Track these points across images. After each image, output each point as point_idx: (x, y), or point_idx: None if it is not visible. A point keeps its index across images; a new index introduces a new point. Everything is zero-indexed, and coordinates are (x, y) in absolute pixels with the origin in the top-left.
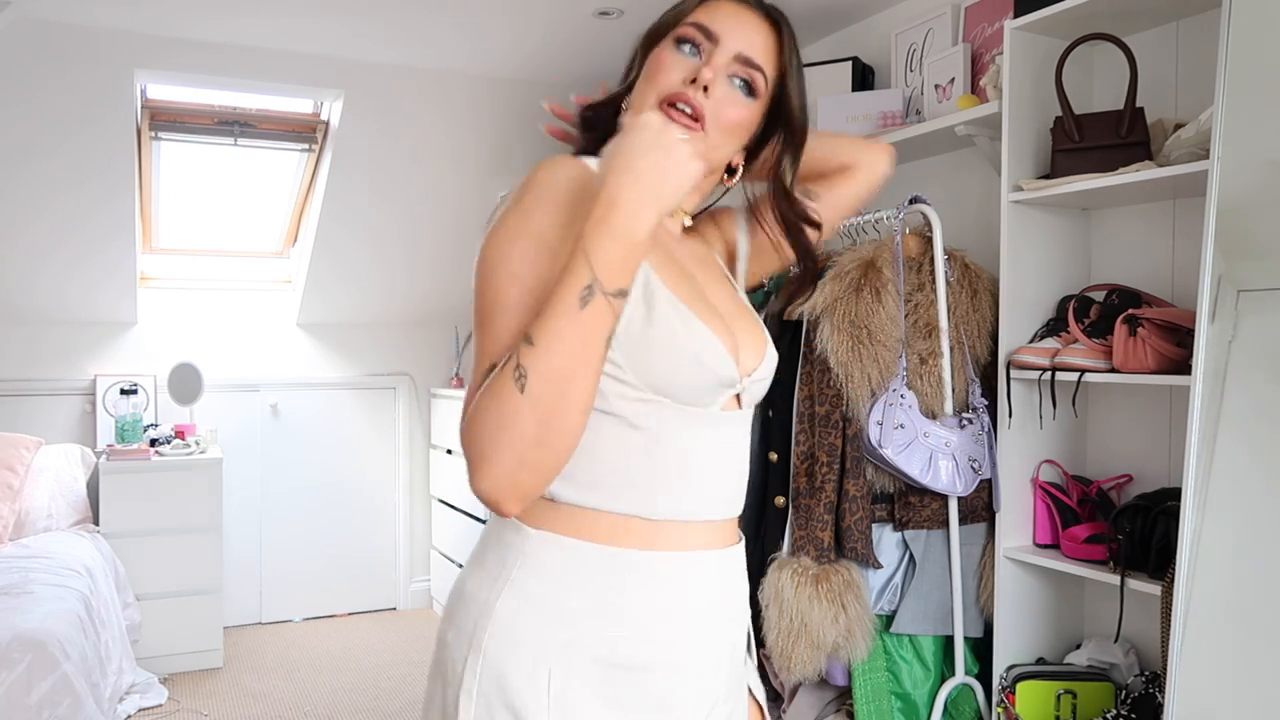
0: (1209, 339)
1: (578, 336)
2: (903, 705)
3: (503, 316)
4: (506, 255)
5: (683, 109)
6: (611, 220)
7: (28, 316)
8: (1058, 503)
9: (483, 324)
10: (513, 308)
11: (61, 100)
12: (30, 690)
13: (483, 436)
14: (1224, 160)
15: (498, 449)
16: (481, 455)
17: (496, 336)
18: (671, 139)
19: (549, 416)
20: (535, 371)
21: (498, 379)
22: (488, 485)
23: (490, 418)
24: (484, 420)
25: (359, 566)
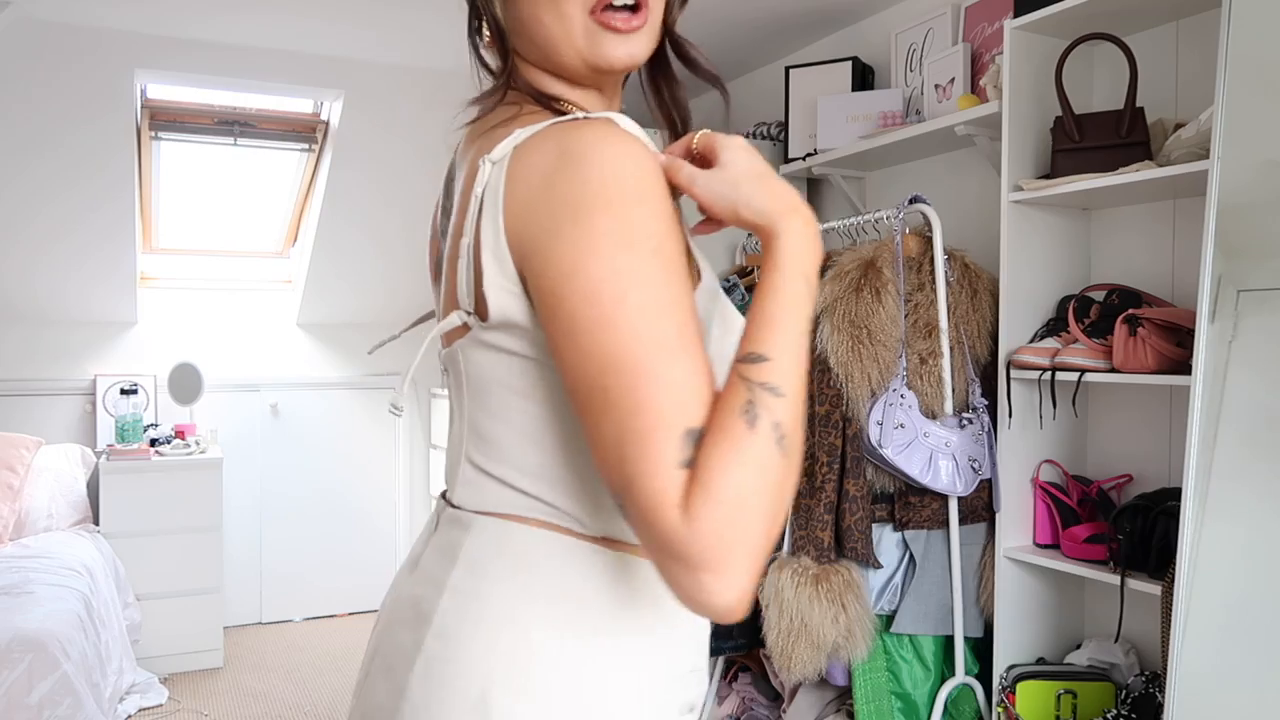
0: (1209, 339)
1: (805, 377)
2: (903, 705)
3: (679, 362)
4: (635, 280)
5: (624, 5)
6: (813, 238)
7: (28, 316)
8: (1058, 503)
9: (643, 374)
10: (683, 350)
11: (61, 100)
12: (31, 690)
13: (745, 520)
14: (1224, 160)
15: (761, 535)
16: (740, 551)
17: (682, 390)
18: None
19: (795, 479)
20: (792, 427)
21: (748, 444)
22: (739, 588)
23: (756, 489)
24: (745, 496)
25: (359, 566)
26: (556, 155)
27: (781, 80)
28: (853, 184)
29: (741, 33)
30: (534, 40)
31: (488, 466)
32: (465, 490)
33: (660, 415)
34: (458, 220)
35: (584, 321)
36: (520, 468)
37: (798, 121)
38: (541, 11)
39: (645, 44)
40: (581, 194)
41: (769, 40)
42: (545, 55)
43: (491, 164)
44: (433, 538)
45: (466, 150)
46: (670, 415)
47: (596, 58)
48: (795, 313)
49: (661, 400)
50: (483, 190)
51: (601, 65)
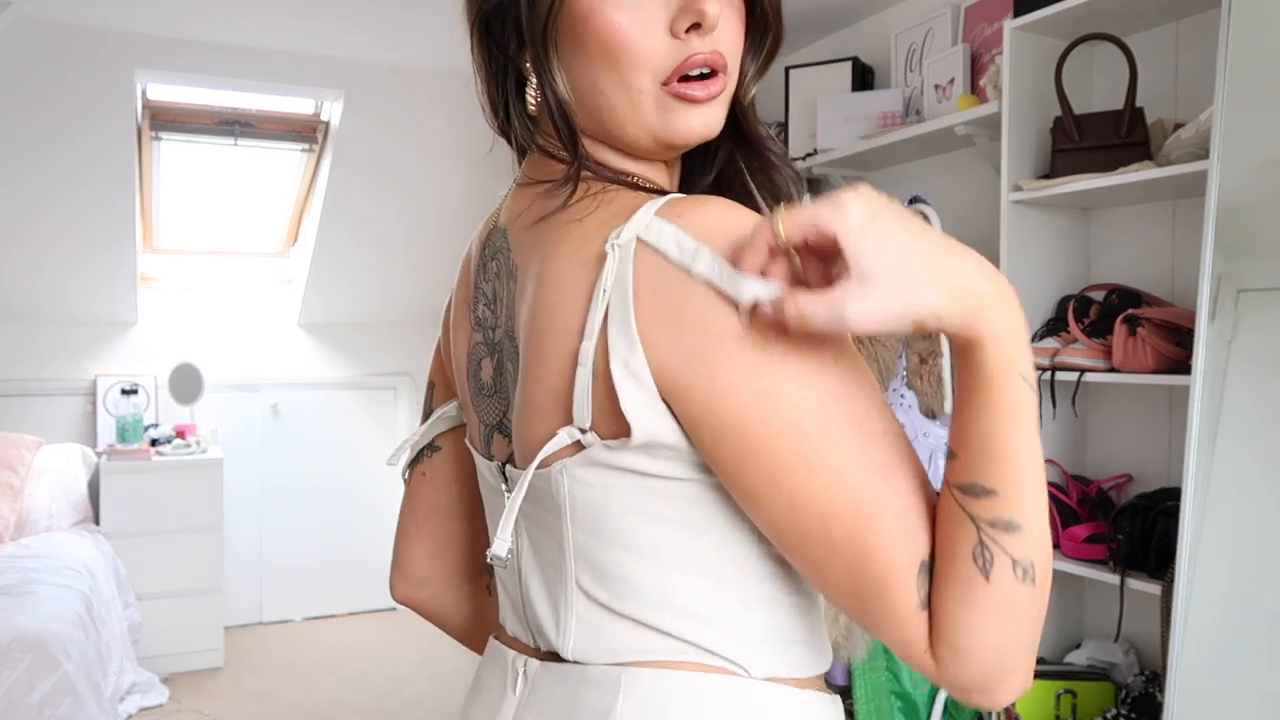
0: (1209, 339)
1: (1043, 473)
2: (903, 705)
3: (893, 489)
4: (830, 402)
5: (702, 74)
6: (1020, 324)
7: (28, 316)
8: (1058, 502)
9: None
10: (895, 468)
11: (62, 100)
12: (31, 690)
13: (1005, 666)
14: (1224, 160)
15: (1021, 665)
16: (1002, 679)
17: (903, 521)
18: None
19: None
20: (1038, 555)
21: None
22: (1014, 698)
23: (1009, 641)
24: (997, 652)
25: (359, 566)
26: (679, 246)
27: (781, 80)
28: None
29: None
30: (593, 111)
31: (618, 606)
32: (585, 638)
33: (891, 560)
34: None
35: (787, 464)
36: (664, 606)
37: (798, 122)
38: (604, 84)
39: (720, 113)
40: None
41: None
42: (604, 128)
43: (619, 249)
44: (530, 707)
45: (529, 230)
46: (901, 557)
47: (669, 133)
48: (1022, 429)
49: (891, 540)
50: (610, 285)
51: (676, 141)
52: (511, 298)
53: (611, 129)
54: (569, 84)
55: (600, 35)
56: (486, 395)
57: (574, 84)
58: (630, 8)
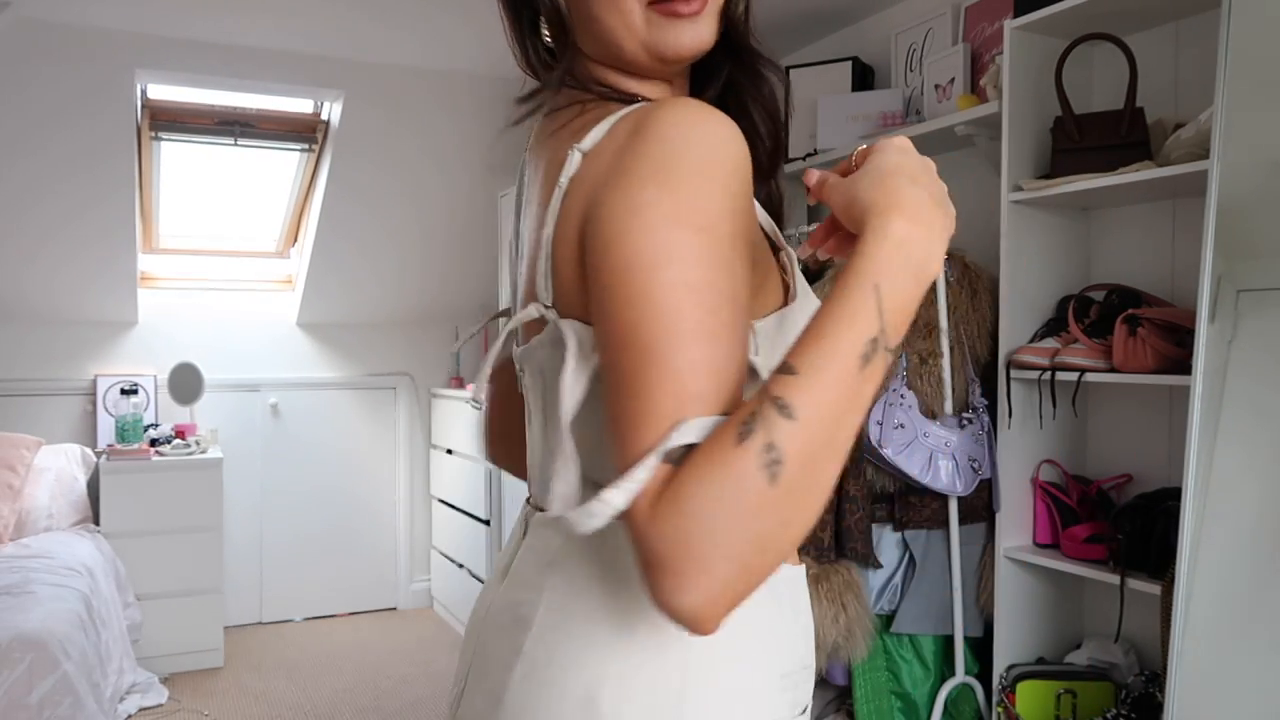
0: (1209, 339)
1: (850, 406)
2: (903, 705)
3: (691, 349)
4: (671, 255)
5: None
6: (912, 246)
7: (28, 316)
8: (1058, 502)
9: (651, 355)
10: (703, 338)
11: (62, 100)
12: (31, 690)
13: (702, 535)
14: (1224, 160)
15: (723, 554)
16: (696, 560)
17: (686, 380)
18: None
19: (797, 514)
20: (794, 456)
21: (729, 457)
22: (696, 600)
23: (719, 511)
24: (705, 513)
25: (359, 566)
26: (628, 133)
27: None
28: None
29: None
30: (594, 36)
31: (584, 469)
32: (560, 495)
33: (657, 402)
34: (538, 212)
35: (613, 293)
36: (609, 466)
37: (798, 122)
38: (598, 7)
39: (710, 28)
40: (638, 166)
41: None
42: (607, 50)
43: (582, 153)
44: (523, 544)
45: (538, 149)
46: (668, 403)
47: (661, 48)
48: (846, 325)
49: (664, 386)
50: (568, 180)
51: (668, 54)
52: (521, 203)
53: (611, 50)
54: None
55: None
56: (514, 290)
57: (575, 12)
58: None
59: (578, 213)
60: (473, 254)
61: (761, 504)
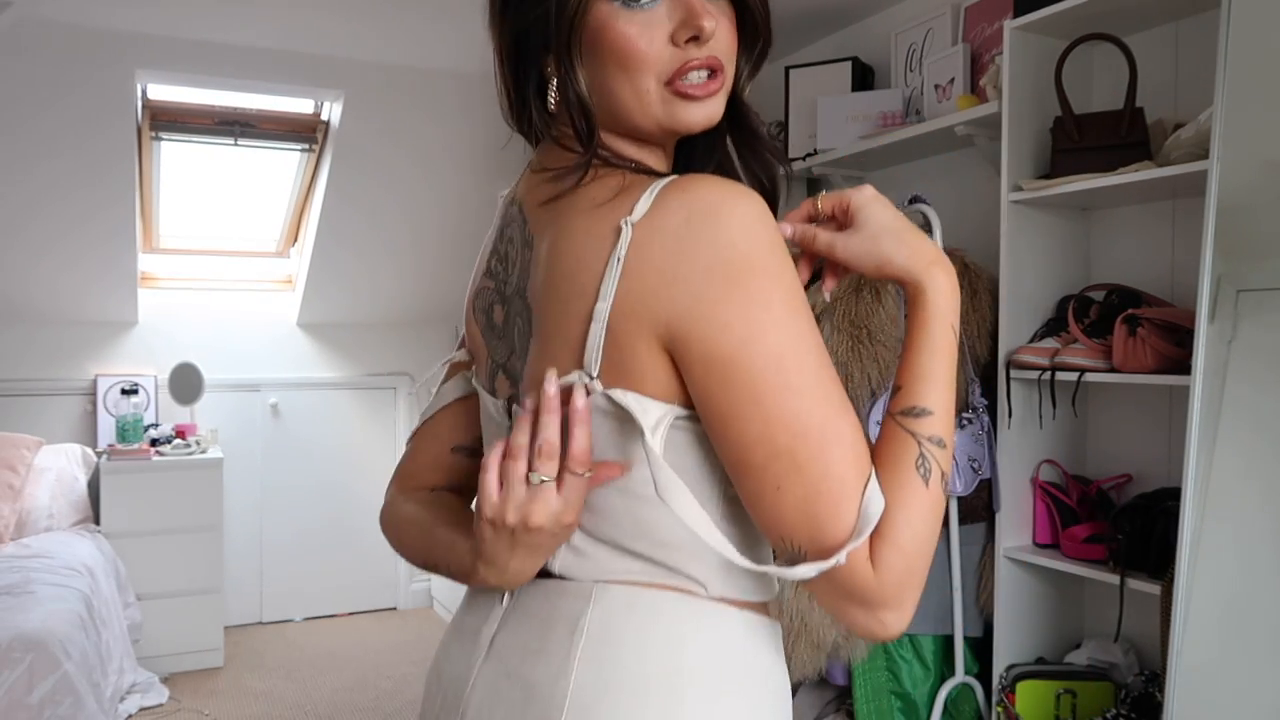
0: (1208, 339)
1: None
2: (903, 705)
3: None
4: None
5: (698, 79)
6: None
7: (28, 316)
8: (1058, 502)
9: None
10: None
11: (63, 101)
12: (31, 690)
13: (921, 566)
14: (1224, 160)
15: (927, 571)
16: (915, 588)
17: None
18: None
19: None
20: (949, 470)
21: (925, 497)
22: (906, 619)
23: (929, 541)
24: (922, 548)
25: (359, 566)
26: (685, 215)
27: (781, 80)
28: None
29: None
30: (607, 107)
31: (600, 533)
32: (571, 558)
33: (846, 476)
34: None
35: (768, 388)
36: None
37: (798, 121)
38: (615, 85)
39: (721, 105)
40: (730, 256)
41: None
42: (616, 120)
43: (632, 225)
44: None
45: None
46: (854, 475)
47: (674, 123)
48: (948, 364)
49: (847, 461)
50: (624, 253)
51: (680, 130)
52: (525, 262)
53: (623, 121)
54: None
55: (613, 45)
56: (497, 336)
57: (591, 85)
58: (640, 23)
59: (659, 297)
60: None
61: (941, 514)
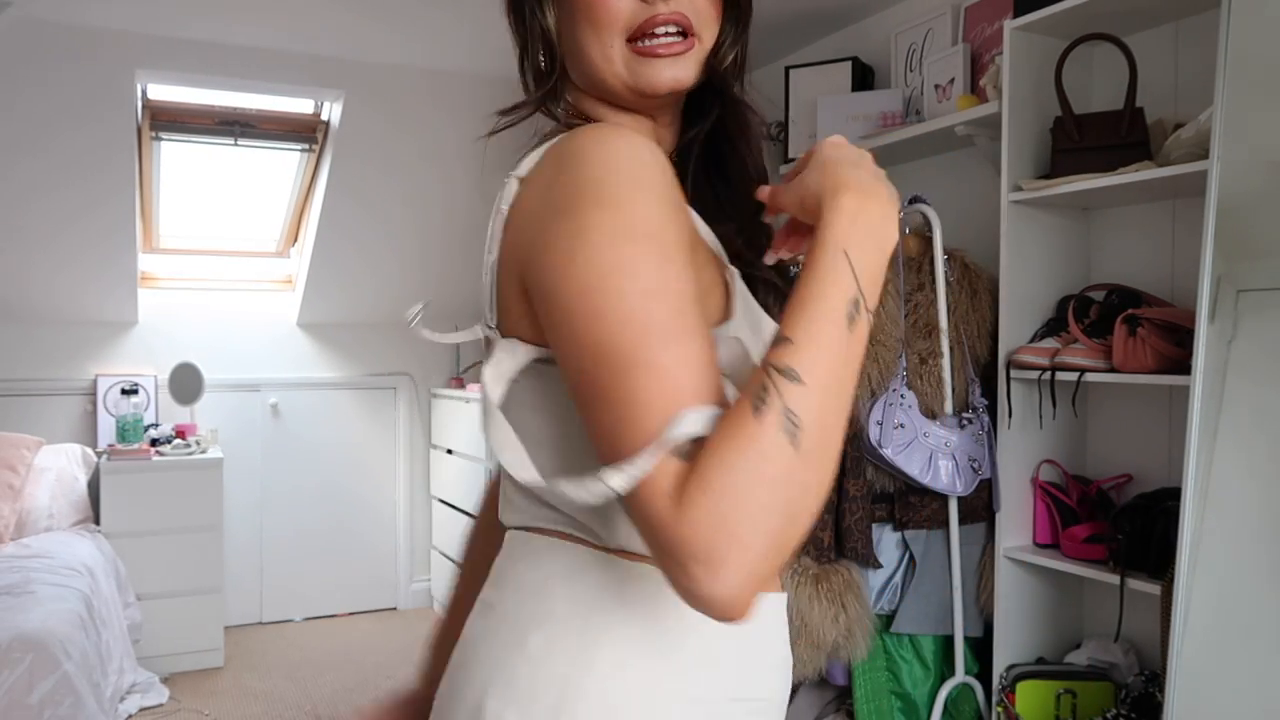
0: (1208, 339)
1: (846, 367)
2: (903, 705)
3: (670, 348)
4: (626, 268)
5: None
6: (868, 215)
7: (28, 317)
8: (1058, 502)
9: (632, 361)
10: (677, 336)
11: (62, 100)
12: (31, 690)
13: (737, 512)
14: (1224, 160)
15: (759, 528)
16: (732, 539)
17: (673, 376)
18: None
19: (817, 478)
20: (810, 419)
21: (751, 431)
22: (732, 582)
23: (750, 483)
24: (738, 488)
25: (359, 566)
26: (554, 161)
27: (781, 80)
28: None
29: None
30: (580, 67)
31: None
32: (509, 508)
33: (650, 404)
34: (484, 238)
35: (577, 314)
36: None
37: (798, 122)
38: (584, 39)
39: (689, 69)
40: (574, 192)
41: (769, 40)
42: (590, 81)
43: (519, 180)
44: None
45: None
46: (660, 401)
47: (640, 84)
48: (829, 291)
49: (653, 388)
50: (507, 207)
51: (646, 90)
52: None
53: (595, 82)
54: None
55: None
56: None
57: (566, 45)
58: None
59: (520, 241)
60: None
61: (788, 470)
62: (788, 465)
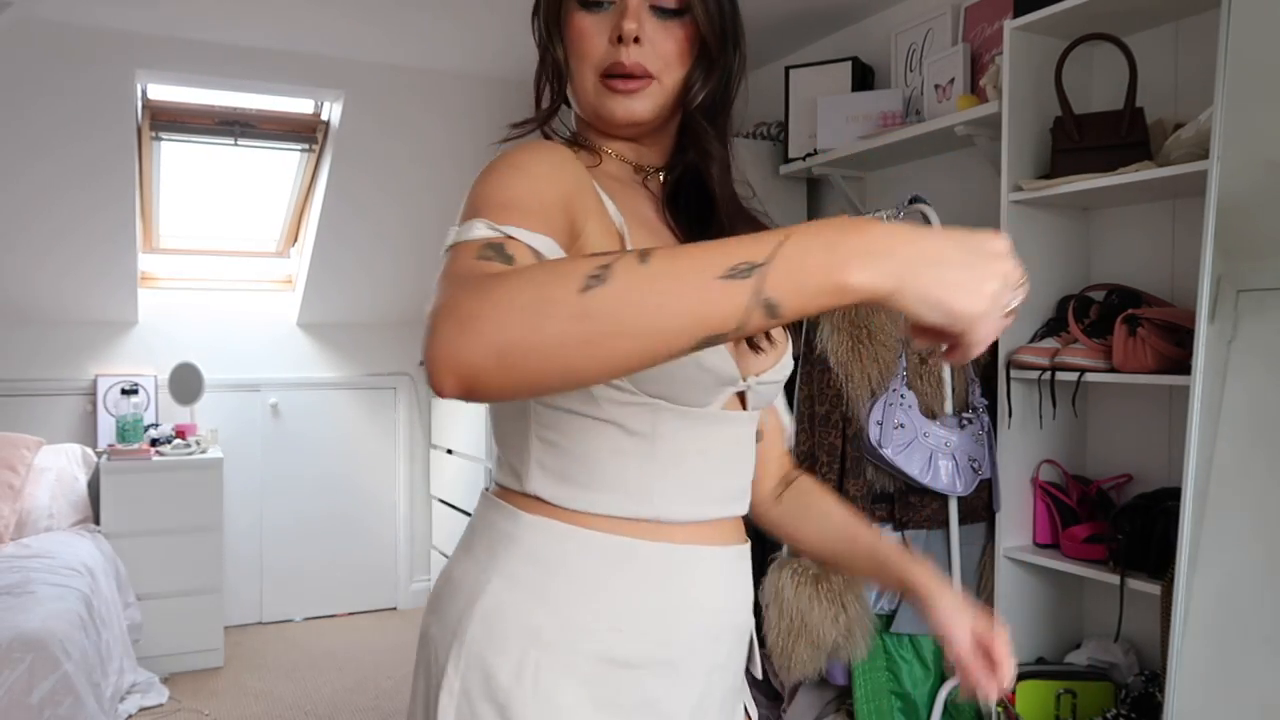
0: (1208, 339)
1: (687, 302)
2: (903, 705)
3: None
4: (501, 184)
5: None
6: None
7: (29, 316)
8: (1058, 502)
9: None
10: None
11: (63, 101)
12: (31, 690)
13: (495, 299)
14: (1224, 160)
15: (501, 318)
16: (474, 314)
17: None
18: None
19: (580, 339)
20: (615, 289)
21: (563, 266)
22: (453, 348)
23: (522, 289)
24: (511, 287)
25: (359, 566)
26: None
27: (781, 80)
28: (853, 184)
29: None
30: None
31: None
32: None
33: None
34: None
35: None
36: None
37: (798, 121)
38: (573, 72)
39: (647, 105)
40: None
41: (769, 40)
42: (576, 104)
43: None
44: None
45: None
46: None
47: (602, 114)
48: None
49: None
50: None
51: (605, 120)
52: None
53: (582, 108)
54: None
55: (571, 37)
56: None
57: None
58: (590, 22)
59: None
60: None
61: (564, 300)
62: (563, 296)
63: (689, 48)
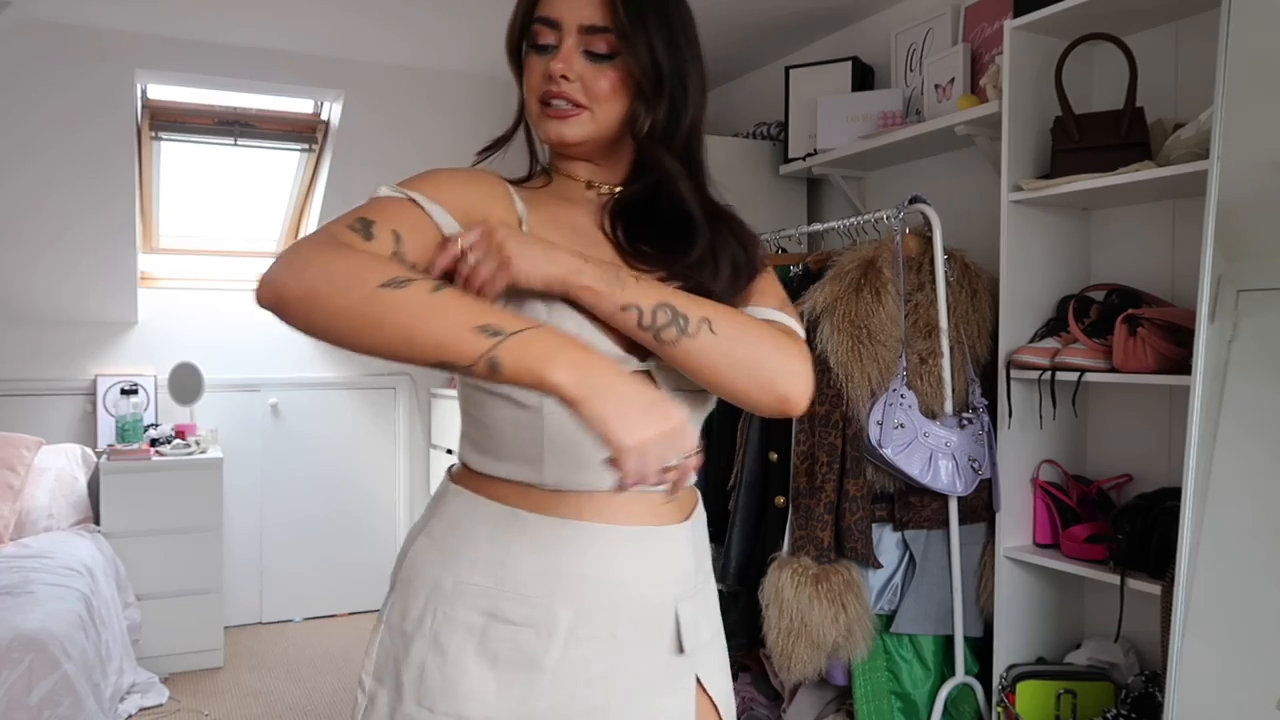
0: (1209, 339)
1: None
2: (903, 705)
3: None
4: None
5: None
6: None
7: (28, 317)
8: (1058, 502)
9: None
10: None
11: (62, 100)
12: (31, 690)
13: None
14: (1224, 160)
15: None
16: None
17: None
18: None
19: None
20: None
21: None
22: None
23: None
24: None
25: (359, 566)
26: None
27: (781, 80)
28: (853, 184)
29: (741, 33)
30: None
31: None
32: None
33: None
34: None
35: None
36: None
37: (798, 121)
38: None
39: (576, 131)
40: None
41: (769, 40)
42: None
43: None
44: None
45: None
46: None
47: (540, 135)
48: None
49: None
50: None
51: (544, 141)
52: None
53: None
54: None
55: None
56: None
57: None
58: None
59: None
60: None
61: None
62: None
63: (623, 86)
